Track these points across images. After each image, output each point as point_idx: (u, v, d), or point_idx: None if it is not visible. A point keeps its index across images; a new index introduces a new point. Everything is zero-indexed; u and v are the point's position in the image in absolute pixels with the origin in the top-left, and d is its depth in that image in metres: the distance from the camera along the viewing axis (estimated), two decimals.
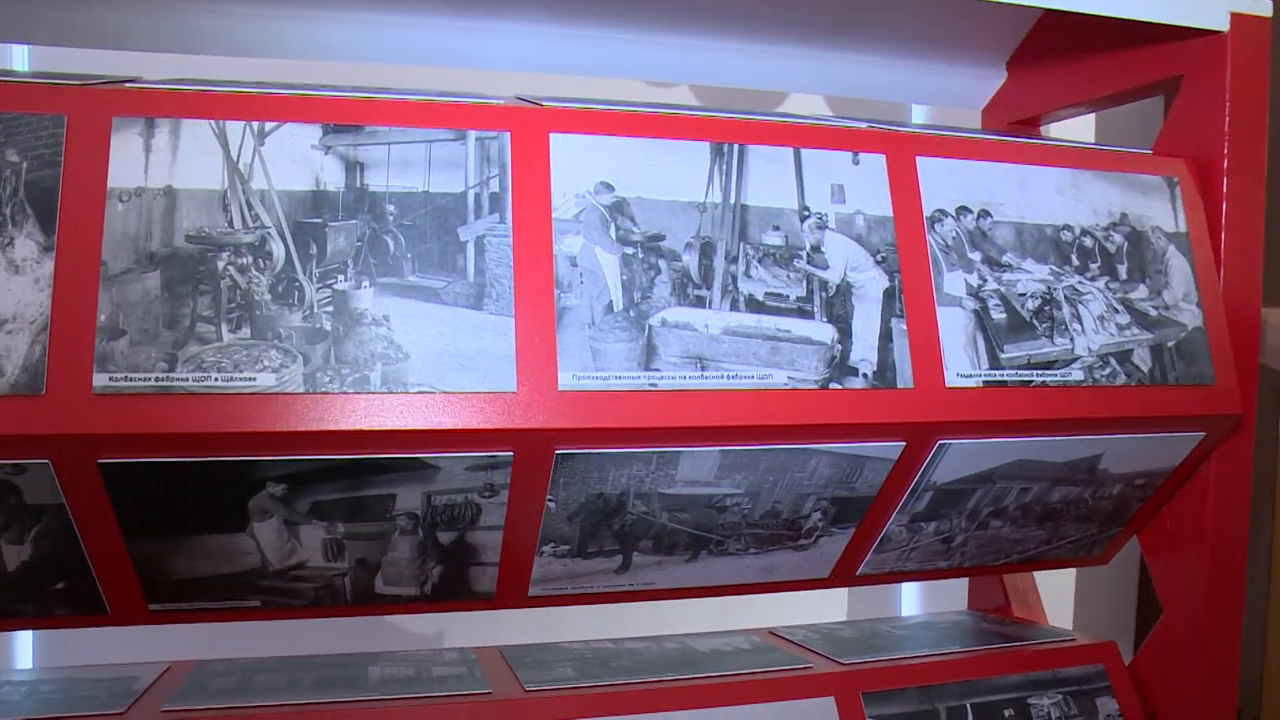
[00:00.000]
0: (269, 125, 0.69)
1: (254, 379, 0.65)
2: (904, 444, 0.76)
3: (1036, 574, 1.06)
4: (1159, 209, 0.87)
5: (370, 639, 1.00)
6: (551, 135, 0.74)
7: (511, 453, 0.69)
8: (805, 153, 0.78)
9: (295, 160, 0.69)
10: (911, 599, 1.25)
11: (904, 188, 0.80)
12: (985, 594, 1.11)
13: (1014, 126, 1.10)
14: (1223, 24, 0.89)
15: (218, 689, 0.78)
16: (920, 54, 1.08)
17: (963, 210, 0.81)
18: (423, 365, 0.67)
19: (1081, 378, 0.80)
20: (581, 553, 0.78)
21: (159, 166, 0.67)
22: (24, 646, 1.05)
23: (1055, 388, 0.79)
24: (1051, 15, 0.95)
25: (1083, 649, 0.93)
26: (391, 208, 0.70)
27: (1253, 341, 0.88)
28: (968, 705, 0.85)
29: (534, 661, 0.85)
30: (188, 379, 0.64)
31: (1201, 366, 0.84)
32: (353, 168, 0.70)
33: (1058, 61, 1.06)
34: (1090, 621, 1.58)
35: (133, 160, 0.66)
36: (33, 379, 0.62)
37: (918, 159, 0.81)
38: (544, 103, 0.76)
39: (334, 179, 0.69)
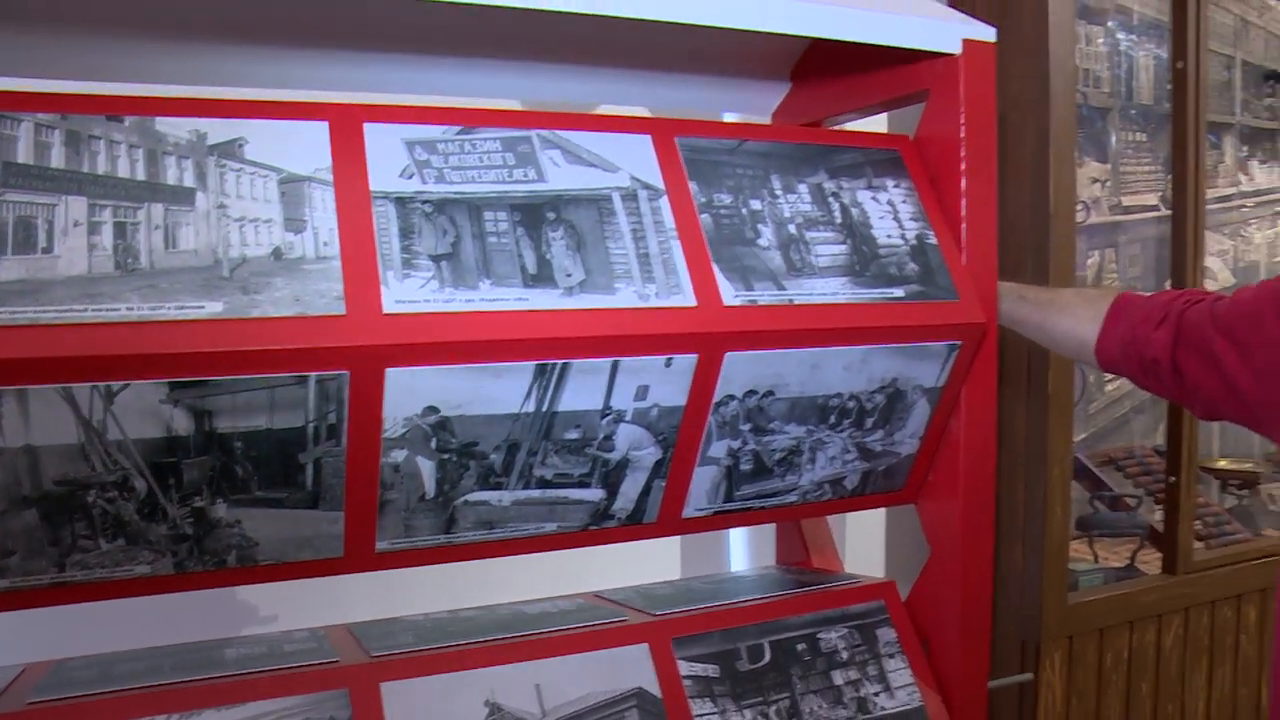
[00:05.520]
0: (115, 385, 0.83)
1: (132, 569, 0.92)
2: None
3: (849, 527, 1.43)
4: (928, 371, 1.11)
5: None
6: (388, 372, 0.90)
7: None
8: (623, 362, 0.97)
9: (145, 414, 0.85)
10: (740, 557, 1.57)
11: (704, 382, 1.01)
12: (789, 549, 1.46)
13: (805, 126, 1.35)
14: (957, 48, 1.16)
15: (81, 680, 0.94)
16: (721, 70, 1.33)
17: (750, 393, 1.04)
18: (269, 548, 0.95)
19: (796, 499, 1.14)
20: None
21: (13, 430, 0.83)
22: None
23: (772, 509, 1.14)
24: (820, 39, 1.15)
25: (865, 589, 1.21)
26: (239, 444, 0.89)
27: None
28: (765, 643, 1.12)
29: (378, 633, 1.08)
30: (77, 575, 0.91)
31: (896, 480, 1.18)
32: (201, 416, 0.87)
33: (830, 75, 1.29)
34: (899, 568, 1.80)
35: None
36: None
37: (726, 355, 1.00)
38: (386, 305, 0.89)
39: (184, 426, 0.87)
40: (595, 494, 1.04)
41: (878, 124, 1.60)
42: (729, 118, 1.56)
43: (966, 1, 1.92)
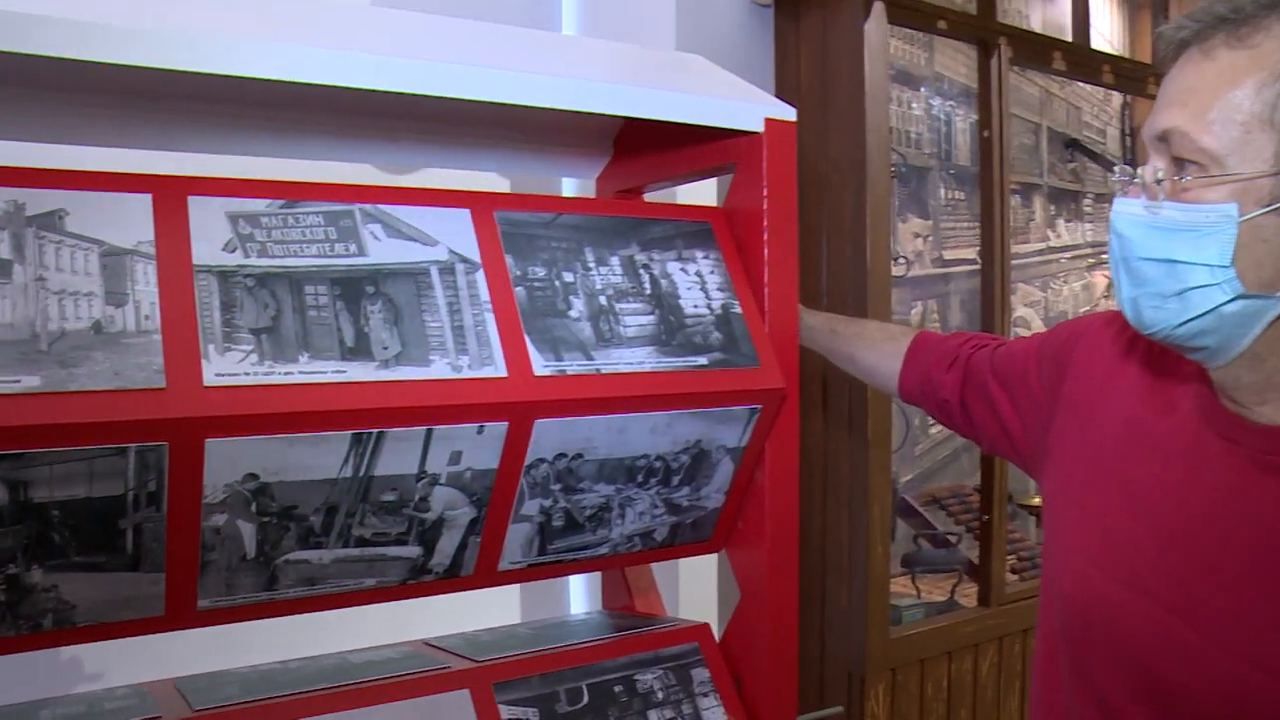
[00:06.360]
0: None
1: None
2: None
3: (683, 571, 1.52)
4: (731, 432, 1.23)
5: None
6: (207, 442, 0.96)
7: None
8: (436, 430, 1.05)
9: None
10: (580, 600, 1.66)
11: (516, 447, 1.10)
12: (614, 594, 1.55)
13: (620, 195, 1.49)
14: (759, 126, 1.28)
15: None
16: (554, 138, 1.47)
17: (560, 456, 1.13)
18: (87, 610, 1.00)
19: (608, 551, 1.24)
20: None
21: None
22: None
23: (585, 561, 1.23)
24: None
25: (681, 631, 1.30)
26: (56, 512, 0.94)
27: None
28: (584, 686, 1.20)
29: (204, 687, 1.12)
30: None
31: (704, 531, 1.29)
32: (16, 486, 0.91)
33: (648, 146, 1.43)
34: (729, 611, 2.00)
35: None
36: None
37: (536, 422, 1.09)
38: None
39: None
40: (413, 551, 1.12)
41: (707, 188, 1.73)
42: (566, 182, 1.67)
43: (790, 70, 2.07)
